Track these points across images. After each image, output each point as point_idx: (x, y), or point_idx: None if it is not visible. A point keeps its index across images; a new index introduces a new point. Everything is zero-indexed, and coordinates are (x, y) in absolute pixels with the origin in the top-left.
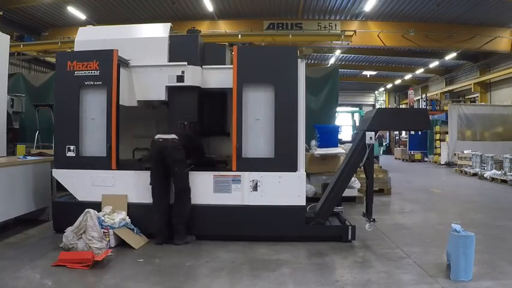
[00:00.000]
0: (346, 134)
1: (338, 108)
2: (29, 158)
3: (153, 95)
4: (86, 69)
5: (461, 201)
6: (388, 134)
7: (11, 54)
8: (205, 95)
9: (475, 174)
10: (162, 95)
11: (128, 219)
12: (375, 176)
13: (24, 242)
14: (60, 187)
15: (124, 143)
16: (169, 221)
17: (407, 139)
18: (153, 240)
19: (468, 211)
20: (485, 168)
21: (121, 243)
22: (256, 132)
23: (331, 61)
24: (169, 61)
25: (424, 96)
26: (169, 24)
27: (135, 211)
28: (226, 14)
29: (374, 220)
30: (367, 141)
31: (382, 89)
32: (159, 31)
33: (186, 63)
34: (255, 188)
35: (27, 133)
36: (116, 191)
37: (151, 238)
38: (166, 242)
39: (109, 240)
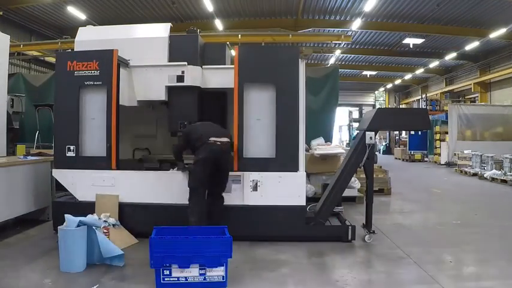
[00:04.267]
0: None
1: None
2: (29, 158)
3: (153, 95)
4: (86, 69)
5: (461, 201)
6: (388, 134)
7: (11, 54)
8: (205, 95)
9: (475, 174)
10: (162, 95)
11: (110, 220)
12: (375, 176)
13: (24, 242)
14: (59, 187)
15: (124, 143)
16: (207, 222)
17: (407, 139)
18: None
19: (468, 211)
20: (485, 168)
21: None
22: (257, 132)
23: (331, 61)
24: (169, 61)
25: (424, 96)
26: (169, 24)
27: (135, 211)
28: (227, 14)
29: (374, 232)
30: (367, 141)
31: (382, 89)
32: (159, 31)
33: (186, 63)
34: (255, 188)
35: (27, 133)
36: (115, 191)
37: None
38: None
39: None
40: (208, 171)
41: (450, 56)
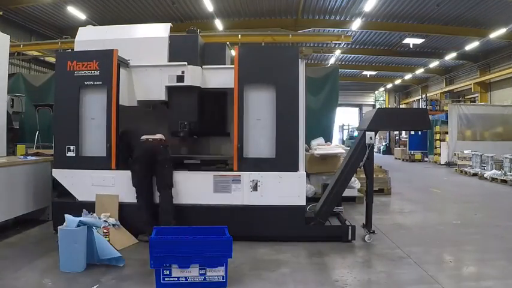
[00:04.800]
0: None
1: None
2: (28, 158)
3: (153, 95)
4: (86, 69)
5: (461, 201)
6: (388, 134)
7: (11, 54)
8: (205, 95)
9: (475, 174)
10: (162, 95)
11: (110, 220)
12: (375, 176)
13: (24, 242)
14: (56, 187)
15: None
16: (157, 218)
17: (407, 139)
18: (142, 237)
19: (468, 211)
20: (485, 168)
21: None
22: (257, 132)
23: (331, 61)
24: (169, 61)
25: (424, 96)
26: (169, 24)
27: (135, 211)
28: (227, 14)
29: (374, 232)
30: (367, 141)
31: (382, 89)
32: (159, 31)
33: (186, 63)
34: (255, 188)
35: (27, 133)
36: (115, 191)
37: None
38: None
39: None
40: (144, 168)
41: (450, 56)
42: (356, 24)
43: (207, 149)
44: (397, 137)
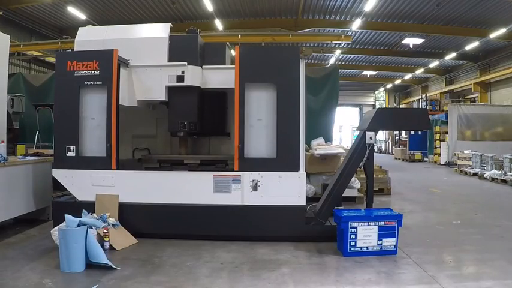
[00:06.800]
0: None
1: None
2: (27, 158)
3: (153, 95)
4: (86, 69)
5: (461, 201)
6: (388, 134)
7: (11, 54)
8: (205, 95)
9: (475, 174)
10: (162, 95)
11: (110, 220)
12: (374, 176)
13: (24, 242)
14: (56, 187)
15: (124, 143)
16: None
17: (407, 139)
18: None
19: (468, 211)
20: (485, 168)
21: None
22: (258, 132)
23: (331, 61)
24: (169, 61)
25: (424, 96)
26: (169, 24)
27: (135, 211)
28: (226, 14)
29: None
30: (367, 141)
31: (382, 89)
32: (159, 31)
33: (186, 63)
34: (255, 188)
35: (27, 133)
36: (115, 191)
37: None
38: None
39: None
40: None
41: (450, 56)
42: (356, 24)
43: (207, 149)
44: (397, 137)
